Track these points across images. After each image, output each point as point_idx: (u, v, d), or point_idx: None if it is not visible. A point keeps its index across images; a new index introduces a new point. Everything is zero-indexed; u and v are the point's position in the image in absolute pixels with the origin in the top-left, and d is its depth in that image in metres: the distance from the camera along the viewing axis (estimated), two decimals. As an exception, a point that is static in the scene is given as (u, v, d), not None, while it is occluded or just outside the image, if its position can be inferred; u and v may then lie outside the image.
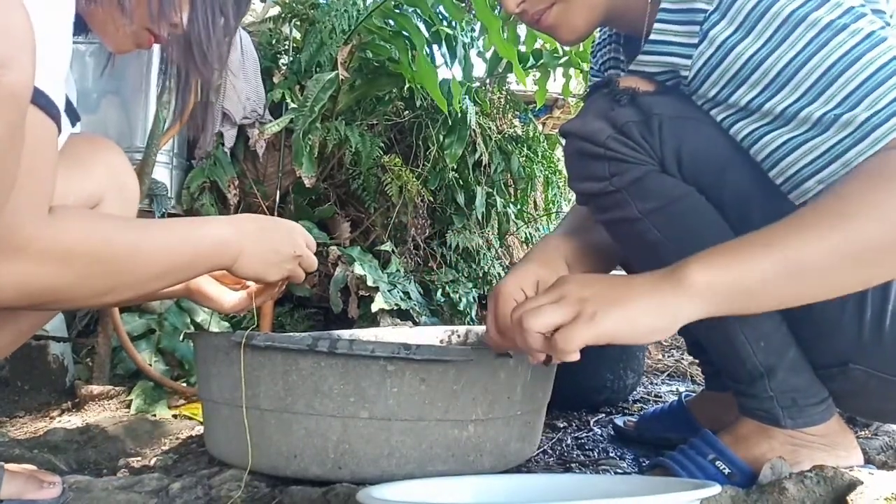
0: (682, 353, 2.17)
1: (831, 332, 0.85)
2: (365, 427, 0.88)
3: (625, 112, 0.86)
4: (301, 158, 1.83)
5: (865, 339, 0.83)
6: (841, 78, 0.73)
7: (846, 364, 0.86)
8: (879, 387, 0.86)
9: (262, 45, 2.10)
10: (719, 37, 0.79)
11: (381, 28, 1.94)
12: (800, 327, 0.88)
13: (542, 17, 0.91)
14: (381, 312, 1.81)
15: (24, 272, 0.59)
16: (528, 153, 2.68)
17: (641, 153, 0.86)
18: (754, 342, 0.87)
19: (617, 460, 1.16)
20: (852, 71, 0.72)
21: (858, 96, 0.72)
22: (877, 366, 0.84)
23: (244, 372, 0.88)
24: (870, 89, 0.72)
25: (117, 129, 1.79)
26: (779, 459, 0.87)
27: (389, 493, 0.74)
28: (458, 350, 0.94)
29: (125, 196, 0.87)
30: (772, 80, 0.77)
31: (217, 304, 1.04)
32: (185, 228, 0.76)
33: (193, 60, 0.77)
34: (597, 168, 0.88)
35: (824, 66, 0.74)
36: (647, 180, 0.87)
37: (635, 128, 0.85)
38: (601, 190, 0.88)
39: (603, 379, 1.48)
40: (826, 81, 0.74)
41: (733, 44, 0.78)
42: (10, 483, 0.81)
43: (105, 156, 0.85)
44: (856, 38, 0.73)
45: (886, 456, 1.06)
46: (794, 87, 0.76)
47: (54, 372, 1.56)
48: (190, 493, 0.88)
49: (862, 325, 0.82)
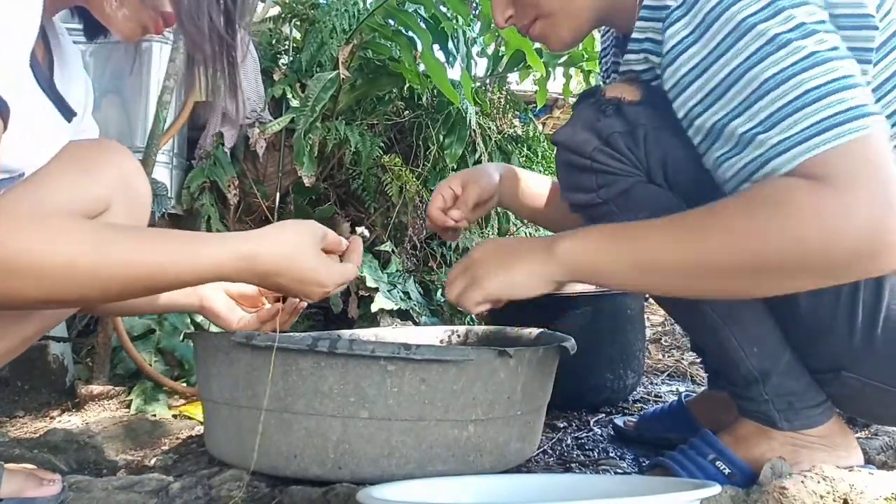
0: (682, 354, 2.17)
1: (823, 338, 0.84)
2: (365, 427, 0.88)
3: (610, 123, 0.86)
4: (302, 158, 1.83)
5: (857, 346, 0.82)
6: (768, 96, 0.70)
7: (839, 371, 0.85)
8: (875, 394, 0.85)
9: (262, 45, 2.10)
10: (676, 36, 0.77)
11: (382, 26, 1.93)
12: (792, 332, 0.88)
13: (529, 29, 0.94)
14: (381, 312, 1.81)
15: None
16: (528, 153, 2.68)
17: (628, 164, 0.86)
18: (747, 347, 0.88)
19: (617, 460, 1.16)
20: (780, 90, 0.69)
21: (778, 117, 0.69)
22: (870, 374, 0.84)
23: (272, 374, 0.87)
24: (789, 112, 0.69)
25: (117, 128, 1.79)
26: (779, 460, 0.87)
27: (390, 493, 0.74)
28: (458, 350, 0.94)
29: (135, 201, 0.84)
30: (710, 90, 0.75)
31: (225, 322, 1.06)
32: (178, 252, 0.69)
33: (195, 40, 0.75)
34: (584, 180, 0.89)
35: (757, 82, 0.71)
36: (633, 192, 0.87)
37: (621, 139, 0.85)
38: (589, 201, 0.89)
39: (603, 379, 1.48)
40: (755, 97, 0.71)
41: (686, 46, 0.76)
42: (10, 481, 0.81)
43: (113, 159, 0.83)
44: (794, 56, 0.69)
45: (886, 456, 1.06)
46: (728, 100, 0.73)
47: (54, 372, 1.56)
48: (190, 493, 0.88)
49: (853, 333, 0.81)
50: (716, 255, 0.70)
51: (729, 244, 0.69)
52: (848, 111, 0.67)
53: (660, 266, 0.74)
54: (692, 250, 0.71)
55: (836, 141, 0.66)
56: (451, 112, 2.13)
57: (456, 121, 2.15)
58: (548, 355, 1.02)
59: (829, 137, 0.66)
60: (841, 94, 0.67)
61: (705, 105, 0.75)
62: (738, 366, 0.89)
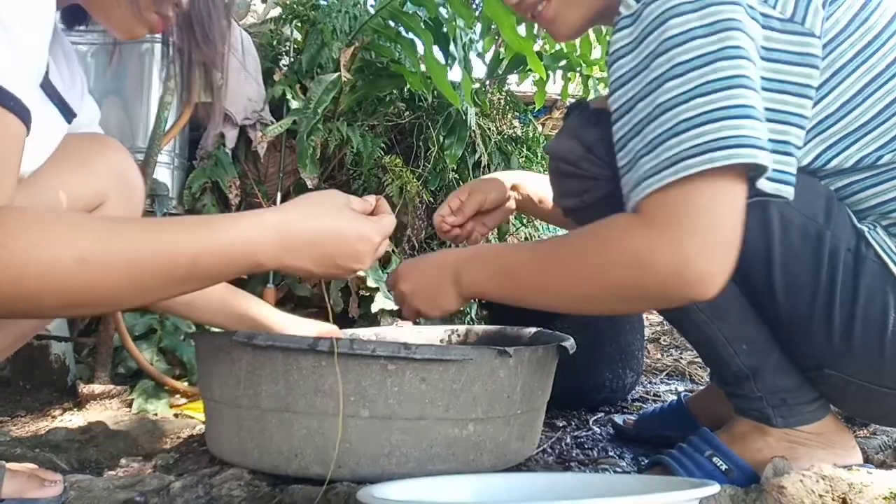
0: (680, 353, 2.18)
1: (804, 336, 0.86)
2: (365, 426, 0.88)
3: (593, 131, 0.89)
4: (305, 160, 1.83)
5: (836, 345, 0.83)
6: (654, 122, 0.71)
7: (821, 369, 0.87)
8: (859, 392, 0.86)
9: (263, 47, 2.10)
10: (616, 43, 0.77)
11: (384, 28, 1.94)
12: (776, 331, 0.89)
13: (542, 10, 0.93)
14: (382, 312, 1.82)
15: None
16: (528, 154, 2.68)
17: (609, 171, 0.87)
18: (736, 345, 0.90)
19: (616, 459, 1.16)
20: (666, 116, 0.70)
21: (656, 143, 0.70)
22: (851, 372, 0.85)
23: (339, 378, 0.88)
24: (664, 139, 0.69)
25: (119, 129, 1.79)
26: (781, 459, 0.87)
27: (390, 492, 0.75)
28: (459, 349, 0.94)
29: (130, 196, 0.86)
30: (624, 102, 0.75)
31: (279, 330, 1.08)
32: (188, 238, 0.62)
33: (195, 39, 0.76)
34: (571, 185, 0.93)
35: (652, 106, 0.71)
36: (616, 196, 0.87)
37: (601, 147, 0.87)
38: (576, 205, 0.93)
39: (602, 378, 1.48)
40: (647, 120, 0.72)
41: (621, 55, 0.76)
42: (12, 482, 0.81)
43: (110, 155, 0.84)
44: (689, 84, 0.69)
45: (885, 455, 1.06)
46: (632, 116, 0.74)
47: (56, 371, 1.57)
48: (191, 491, 0.88)
49: (831, 331, 0.82)
50: (563, 282, 0.79)
51: (569, 274, 0.78)
52: (715, 141, 0.66)
53: (531, 292, 0.84)
54: (549, 281, 0.81)
55: (677, 175, 0.67)
56: (452, 113, 2.13)
57: (456, 122, 2.16)
58: (547, 355, 1.03)
59: (675, 170, 0.67)
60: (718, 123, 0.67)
61: (619, 114, 0.76)
62: (728, 364, 0.91)
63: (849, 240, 0.81)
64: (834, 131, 0.81)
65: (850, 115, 0.80)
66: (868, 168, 0.82)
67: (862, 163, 0.82)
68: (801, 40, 0.75)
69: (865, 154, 0.81)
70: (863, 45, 0.79)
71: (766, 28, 0.73)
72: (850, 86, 0.80)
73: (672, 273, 0.68)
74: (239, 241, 0.62)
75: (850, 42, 0.79)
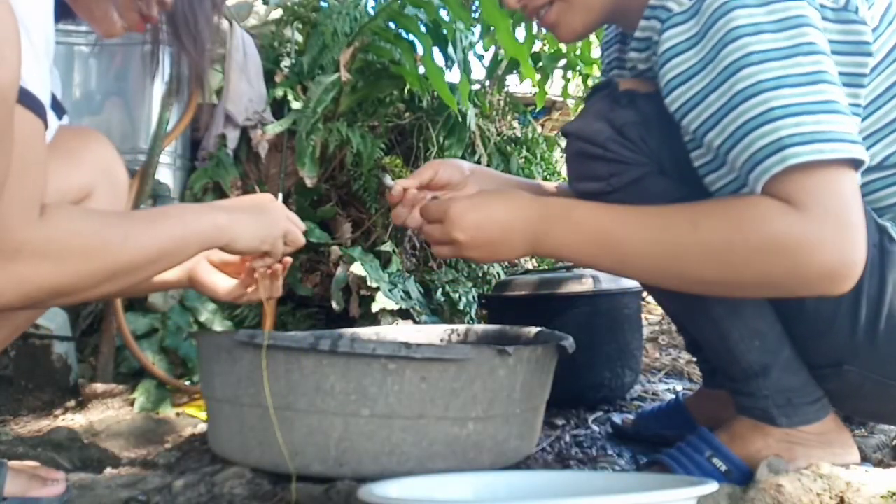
0: (679, 352, 2.18)
1: (826, 331, 0.85)
2: (366, 425, 0.89)
3: (624, 114, 0.87)
4: (304, 159, 1.84)
5: (860, 340, 0.83)
6: (736, 110, 0.71)
7: (840, 365, 0.86)
8: (874, 389, 0.86)
9: (264, 48, 2.11)
10: (673, 39, 0.77)
11: (384, 30, 1.94)
12: (794, 326, 0.88)
13: (545, 13, 0.93)
14: (382, 312, 1.82)
15: (20, 274, 0.60)
16: (527, 154, 2.68)
17: (640, 154, 0.87)
18: (749, 340, 0.88)
19: (615, 458, 1.17)
20: (747, 105, 0.70)
21: (740, 134, 0.71)
22: (871, 368, 0.85)
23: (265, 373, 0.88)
24: (750, 129, 0.70)
25: (121, 130, 1.80)
26: (776, 457, 0.87)
27: (391, 490, 0.75)
28: (458, 349, 0.95)
29: (115, 187, 0.86)
30: (690, 97, 0.76)
31: (211, 290, 1.05)
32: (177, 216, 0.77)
33: (182, 38, 0.76)
34: (596, 168, 0.89)
35: (729, 95, 0.72)
36: (644, 182, 0.88)
37: (634, 129, 0.86)
38: (600, 190, 0.89)
39: (601, 377, 1.49)
40: (725, 110, 0.72)
41: (680, 50, 0.77)
42: (14, 480, 0.81)
43: (94, 147, 0.84)
44: (771, 73, 0.69)
45: (883, 454, 1.06)
46: (703, 108, 0.75)
47: (58, 371, 1.57)
48: (193, 490, 0.89)
49: (856, 326, 0.83)
50: (693, 268, 0.75)
51: (706, 262, 0.74)
52: (815, 133, 0.67)
53: (641, 268, 0.80)
54: (670, 263, 0.76)
55: (795, 159, 0.68)
56: (451, 114, 2.14)
57: (456, 123, 2.16)
58: (546, 354, 1.03)
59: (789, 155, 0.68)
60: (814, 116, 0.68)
61: (684, 111, 0.77)
62: (739, 360, 0.90)
63: (873, 235, 0.80)
64: (861, 128, 0.81)
65: (876, 113, 0.81)
66: (891, 166, 0.83)
67: (887, 161, 0.82)
68: (854, 28, 0.75)
69: (890, 153, 0.82)
70: (892, 44, 0.79)
71: (823, 20, 0.74)
72: (878, 84, 0.80)
73: (834, 263, 0.68)
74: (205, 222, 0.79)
75: (882, 41, 0.79)
